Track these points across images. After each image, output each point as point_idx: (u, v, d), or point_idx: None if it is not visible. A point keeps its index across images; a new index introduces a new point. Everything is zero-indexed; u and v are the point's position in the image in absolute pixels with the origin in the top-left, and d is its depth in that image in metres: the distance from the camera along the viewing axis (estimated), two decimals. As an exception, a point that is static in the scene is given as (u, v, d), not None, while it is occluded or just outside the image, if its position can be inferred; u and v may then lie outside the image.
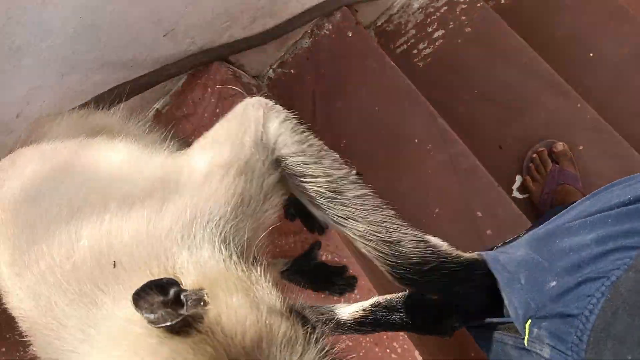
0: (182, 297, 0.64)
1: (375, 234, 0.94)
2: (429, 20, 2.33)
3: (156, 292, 0.62)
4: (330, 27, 2.14)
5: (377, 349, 1.57)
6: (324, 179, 0.96)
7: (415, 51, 2.32)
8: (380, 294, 1.59)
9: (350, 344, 1.60)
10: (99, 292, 0.73)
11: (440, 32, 2.30)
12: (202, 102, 1.90)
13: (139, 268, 0.73)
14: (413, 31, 2.35)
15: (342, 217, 0.96)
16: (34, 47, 1.48)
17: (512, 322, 0.85)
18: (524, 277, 0.82)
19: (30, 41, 1.46)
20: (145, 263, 0.74)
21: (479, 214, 1.83)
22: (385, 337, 1.55)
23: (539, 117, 2.14)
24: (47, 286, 0.79)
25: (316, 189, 0.96)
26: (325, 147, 1.04)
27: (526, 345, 0.78)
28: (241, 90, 1.89)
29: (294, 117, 1.06)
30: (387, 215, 0.97)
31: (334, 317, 1.13)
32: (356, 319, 1.12)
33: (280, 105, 2.22)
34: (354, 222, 0.95)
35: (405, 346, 1.53)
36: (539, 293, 0.77)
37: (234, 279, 0.72)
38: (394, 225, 0.96)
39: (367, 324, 1.11)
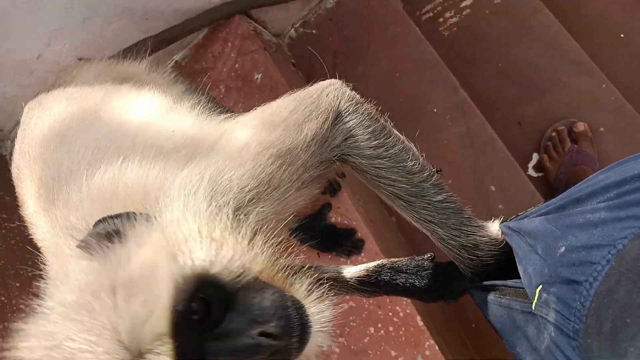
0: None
1: (456, 238, 0.93)
2: (457, -12, 2.27)
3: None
4: (356, -12, 2.09)
5: (379, 312, 1.59)
6: (404, 183, 0.92)
7: (441, 19, 2.26)
8: (386, 257, 1.60)
9: (353, 305, 1.62)
10: None
11: (468, 1, 2.24)
12: (221, 57, 1.88)
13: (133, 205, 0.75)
14: (440, -2, 2.29)
15: (422, 220, 0.93)
16: (57, -12, 1.48)
17: (522, 288, 0.86)
18: (540, 248, 0.82)
19: (54, -19, 1.46)
20: (139, 202, 0.75)
21: (492, 188, 1.82)
22: (388, 300, 1.57)
23: (561, 96, 2.09)
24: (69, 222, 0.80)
25: (394, 191, 0.93)
26: (407, 147, 0.98)
27: (533, 309, 0.79)
28: (261, 48, 1.87)
29: (374, 112, 0.99)
30: (465, 218, 0.94)
31: (337, 275, 1.13)
32: (359, 277, 1.11)
33: (299, 66, 2.20)
34: (434, 225, 0.93)
35: (407, 310, 1.55)
36: (552, 260, 0.77)
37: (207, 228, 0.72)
38: (472, 228, 0.94)
39: (370, 284, 1.11)
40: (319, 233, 1.65)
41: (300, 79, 2.13)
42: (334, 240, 1.64)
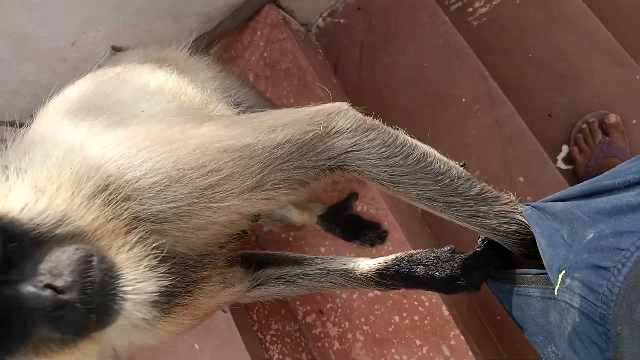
0: None
1: (506, 225, 0.93)
2: (487, -23, 2.24)
3: None
4: (385, -23, 2.08)
5: (404, 301, 1.60)
6: (434, 185, 0.90)
7: (470, 9, 2.24)
8: (413, 247, 1.60)
9: (378, 293, 1.63)
10: None
11: (498, -9, 2.21)
12: (250, 45, 1.90)
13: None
14: (470, -12, 2.26)
15: (467, 217, 0.92)
16: (92, -25, 1.50)
17: (540, 274, 0.85)
18: (566, 233, 0.81)
19: (89, -31, 1.48)
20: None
21: (521, 179, 1.80)
22: (414, 290, 1.57)
23: (592, 86, 2.05)
24: None
25: (427, 195, 0.90)
26: (427, 151, 0.96)
27: (556, 294, 0.77)
28: (290, 36, 1.88)
29: (384, 127, 0.95)
30: (504, 203, 0.94)
31: (353, 267, 1.12)
32: (378, 270, 1.10)
33: (326, 55, 2.20)
34: (482, 219, 0.92)
35: (433, 300, 1.55)
36: (578, 246, 0.77)
37: None
38: (513, 212, 0.94)
39: (389, 276, 1.10)
40: (344, 222, 1.66)
41: (328, 68, 2.13)
42: (358, 230, 1.64)
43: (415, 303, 1.57)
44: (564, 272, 0.77)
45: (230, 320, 1.53)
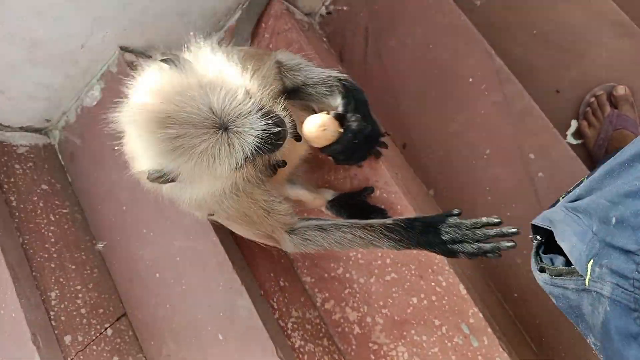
0: None
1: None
2: (489, -45, 2.23)
3: None
4: (386, -38, 2.08)
5: (422, 282, 1.61)
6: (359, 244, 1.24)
7: (472, -11, 2.23)
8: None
9: (395, 276, 1.65)
10: None
11: (500, -31, 2.20)
12: (256, 37, 1.91)
13: None
14: (471, -33, 2.25)
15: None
16: (98, -24, 1.52)
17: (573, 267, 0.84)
18: (595, 225, 0.80)
19: (95, -30, 1.50)
20: None
21: (532, 156, 1.80)
22: (430, 270, 1.59)
23: (600, 59, 2.04)
24: None
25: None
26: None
27: (587, 285, 0.77)
28: (294, 26, 1.89)
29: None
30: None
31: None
32: (388, 224, 1.21)
33: (331, 43, 2.20)
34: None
35: (450, 280, 1.56)
36: (603, 233, 0.76)
37: None
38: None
39: (400, 230, 1.20)
40: (351, 207, 1.66)
41: (334, 56, 2.14)
42: (363, 215, 1.63)
43: (432, 284, 1.59)
44: (592, 261, 0.77)
45: (252, 309, 1.56)
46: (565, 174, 1.76)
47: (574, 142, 2.07)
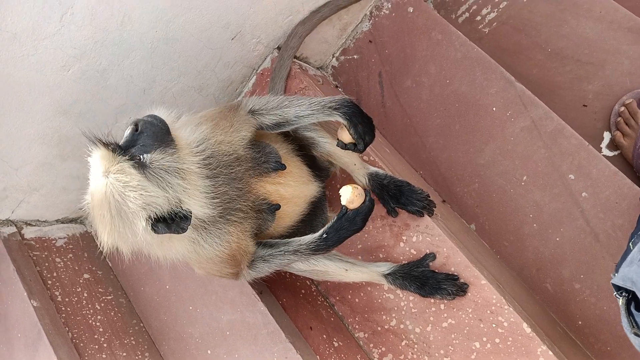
0: None
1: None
2: (489, -17, 2.25)
3: None
4: (390, 6, 2.10)
5: (482, 325, 1.55)
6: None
7: (478, 18, 2.24)
8: (477, 268, 1.57)
9: (453, 322, 1.59)
10: None
11: (503, -6, 2.21)
12: (274, 99, 1.93)
13: None
14: (473, -3, 2.27)
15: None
16: (117, 66, 1.57)
17: None
18: None
19: (114, 61, 1.55)
20: None
21: (571, 176, 1.74)
22: (488, 312, 1.52)
23: (622, 67, 2.00)
24: None
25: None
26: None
27: None
28: (310, 83, 1.91)
29: None
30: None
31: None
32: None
33: (346, 92, 2.23)
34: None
35: (512, 319, 1.49)
36: None
37: None
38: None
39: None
40: (417, 278, 1.59)
41: (351, 105, 2.15)
42: (434, 285, 1.57)
43: (494, 325, 1.52)
44: None
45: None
46: (609, 190, 1.69)
47: (610, 154, 2.01)
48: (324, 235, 1.35)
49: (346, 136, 1.39)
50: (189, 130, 1.31)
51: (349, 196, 1.30)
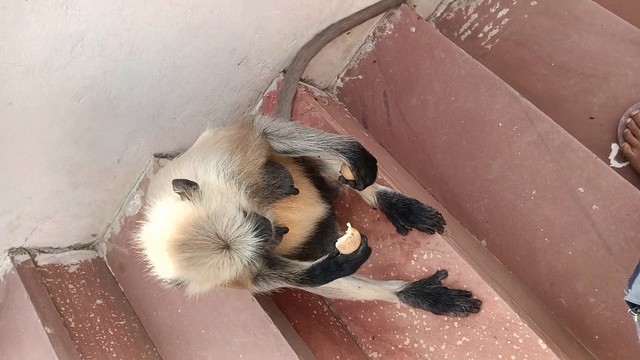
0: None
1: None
2: (490, 1, 2.27)
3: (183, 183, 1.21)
4: (392, 27, 2.13)
5: (496, 342, 1.53)
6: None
7: (480, 35, 2.26)
8: (489, 283, 1.55)
9: (467, 340, 1.57)
10: None
11: (504, 11, 2.23)
12: (281, 121, 1.95)
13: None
14: (475, 15, 2.30)
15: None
16: (127, 95, 1.60)
17: None
18: None
19: (123, 90, 1.58)
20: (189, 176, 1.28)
21: (581, 189, 1.74)
22: (503, 328, 1.51)
23: (626, 79, 2.01)
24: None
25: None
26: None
27: None
28: (316, 105, 1.93)
29: None
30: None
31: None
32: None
33: (352, 112, 2.25)
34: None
35: (527, 335, 1.47)
36: None
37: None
38: None
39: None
40: (430, 295, 1.57)
41: (357, 125, 2.17)
42: (446, 302, 1.57)
43: (509, 342, 1.50)
44: None
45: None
46: (620, 202, 1.69)
47: (619, 165, 2.00)
48: (312, 270, 1.36)
49: (348, 174, 1.41)
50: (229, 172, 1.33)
51: (342, 242, 1.27)
